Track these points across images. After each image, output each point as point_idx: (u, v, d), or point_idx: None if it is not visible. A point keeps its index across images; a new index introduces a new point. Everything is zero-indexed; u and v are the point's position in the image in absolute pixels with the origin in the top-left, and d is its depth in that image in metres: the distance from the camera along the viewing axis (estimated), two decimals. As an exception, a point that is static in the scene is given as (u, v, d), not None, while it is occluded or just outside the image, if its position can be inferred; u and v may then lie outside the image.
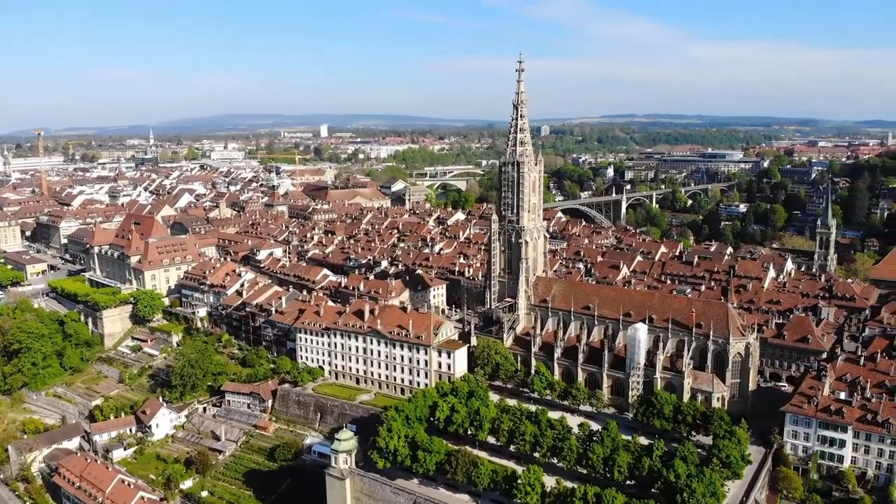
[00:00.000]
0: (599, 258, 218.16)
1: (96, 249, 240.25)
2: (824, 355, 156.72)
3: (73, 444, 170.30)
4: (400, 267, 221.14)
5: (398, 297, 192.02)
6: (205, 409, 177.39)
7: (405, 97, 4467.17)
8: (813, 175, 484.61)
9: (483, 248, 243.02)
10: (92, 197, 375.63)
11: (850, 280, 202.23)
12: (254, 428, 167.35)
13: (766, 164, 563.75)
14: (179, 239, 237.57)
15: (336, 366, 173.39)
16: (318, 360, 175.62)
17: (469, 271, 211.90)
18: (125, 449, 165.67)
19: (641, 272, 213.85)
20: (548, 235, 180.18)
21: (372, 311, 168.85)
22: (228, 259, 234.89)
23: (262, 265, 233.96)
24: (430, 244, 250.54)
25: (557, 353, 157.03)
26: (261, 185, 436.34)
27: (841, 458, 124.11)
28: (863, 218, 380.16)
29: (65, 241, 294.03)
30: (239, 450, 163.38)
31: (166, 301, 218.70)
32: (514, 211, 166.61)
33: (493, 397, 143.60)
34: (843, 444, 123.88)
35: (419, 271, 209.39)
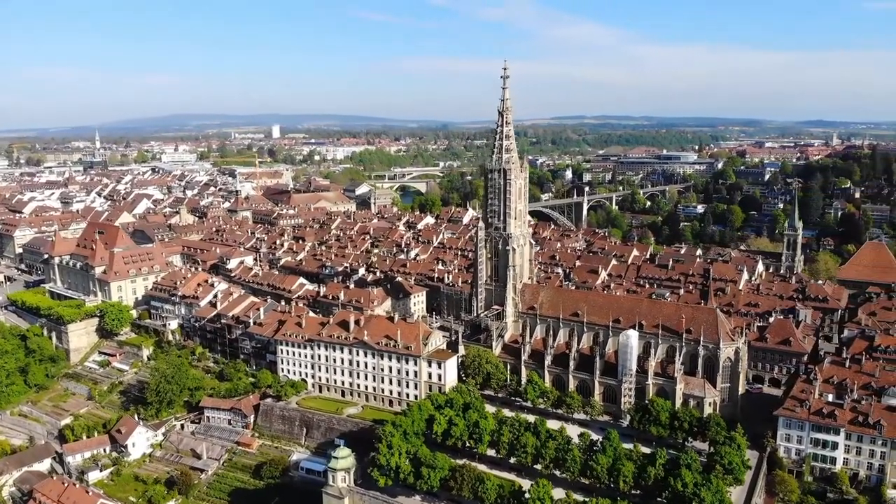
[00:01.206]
0: (578, 262, 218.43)
1: (57, 260, 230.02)
2: (805, 357, 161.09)
3: (44, 466, 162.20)
4: (378, 274, 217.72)
5: (380, 305, 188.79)
6: (182, 426, 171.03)
7: (357, 97, 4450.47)
8: (767, 176, 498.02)
9: (460, 253, 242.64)
10: (44, 203, 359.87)
11: (820, 281, 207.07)
12: (236, 445, 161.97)
13: (720, 166, 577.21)
14: (146, 248, 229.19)
15: (320, 378, 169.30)
16: (300, 372, 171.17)
17: (448, 277, 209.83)
18: (101, 470, 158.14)
19: (617, 276, 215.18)
20: (533, 242, 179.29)
21: (357, 322, 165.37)
22: (196, 268, 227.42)
23: (232, 274, 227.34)
24: (404, 250, 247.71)
25: (548, 360, 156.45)
26: (220, 190, 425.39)
27: (833, 460, 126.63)
28: (818, 218, 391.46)
29: (20, 250, 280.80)
30: (222, 468, 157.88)
31: (134, 313, 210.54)
32: (501, 218, 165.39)
33: (488, 408, 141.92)
34: (835, 446, 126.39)
35: (399, 279, 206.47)
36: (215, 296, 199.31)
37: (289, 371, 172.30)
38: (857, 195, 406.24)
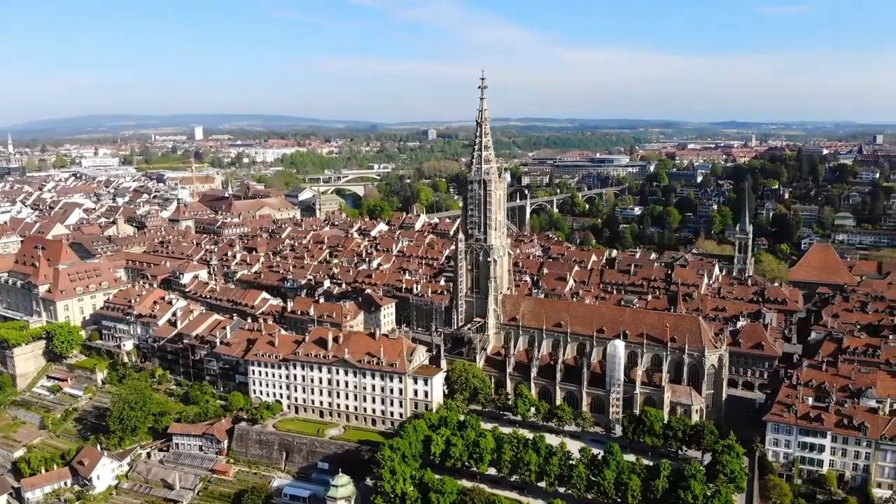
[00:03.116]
0: (546, 270, 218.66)
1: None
2: (777, 361, 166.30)
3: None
4: (344, 286, 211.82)
5: (353, 320, 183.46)
6: (149, 454, 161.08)
7: (280, 97, 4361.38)
8: (699, 178, 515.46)
9: (423, 261, 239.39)
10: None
11: (776, 283, 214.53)
12: (211, 472, 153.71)
13: (651, 168, 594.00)
14: (92, 264, 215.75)
15: (296, 399, 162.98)
16: (274, 393, 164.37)
17: (417, 288, 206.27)
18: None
19: (581, 282, 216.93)
20: (512, 253, 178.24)
21: (336, 339, 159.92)
22: (146, 284, 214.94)
23: (187, 290, 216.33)
24: (366, 260, 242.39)
25: (534, 372, 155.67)
26: (154, 197, 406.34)
27: (821, 462, 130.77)
28: (751, 219, 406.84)
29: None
30: (197, 498, 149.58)
31: (84, 334, 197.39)
32: (482, 229, 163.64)
33: (483, 426, 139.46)
34: (822, 448, 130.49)
35: (368, 291, 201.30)
36: (174, 314, 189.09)
37: (261, 392, 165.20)
38: (787, 196, 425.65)
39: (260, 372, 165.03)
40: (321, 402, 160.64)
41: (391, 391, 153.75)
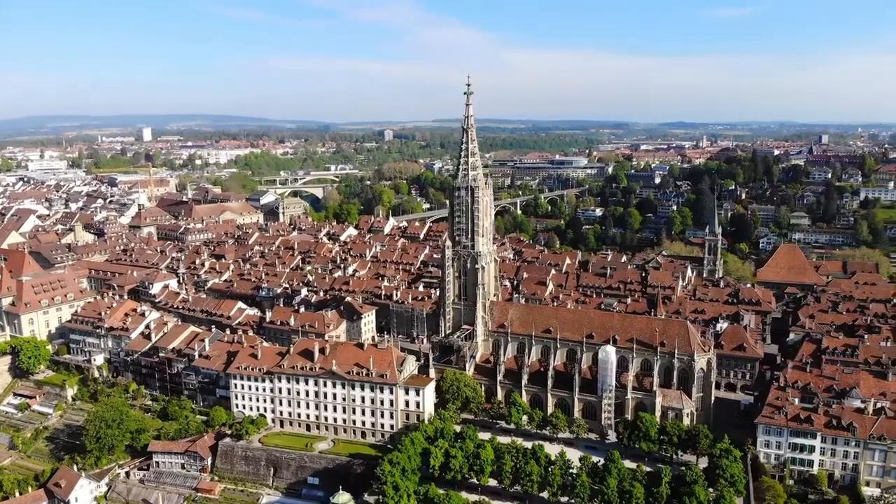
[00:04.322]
0: (526, 275, 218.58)
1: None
2: (758, 362, 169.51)
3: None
4: (322, 294, 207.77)
5: (336, 329, 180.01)
6: (128, 473, 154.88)
7: (229, 97, 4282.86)
8: (657, 179, 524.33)
9: (400, 266, 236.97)
10: None
11: (748, 284, 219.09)
12: (195, 492, 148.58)
13: (610, 170, 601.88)
14: (56, 275, 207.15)
15: (281, 413, 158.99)
16: (258, 407, 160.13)
17: (397, 294, 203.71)
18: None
19: (559, 285, 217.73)
20: (497, 259, 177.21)
21: (322, 350, 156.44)
22: (115, 295, 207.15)
23: (158, 300, 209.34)
24: (341, 266, 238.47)
25: (524, 379, 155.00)
26: (110, 202, 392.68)
27: (811, 463, 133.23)
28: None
29: None
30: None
31: (51, 348, 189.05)
32: (469, 236, 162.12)
33: (481, 436, 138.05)
34: (812, 449, 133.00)
35: (348, 298, 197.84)
36: (148, 326, 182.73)
37: (244, 406, 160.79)
38: (744, 196, 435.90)
39: (243, 385, 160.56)
40: (308, 416, 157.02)
41: (381, 402, 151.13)
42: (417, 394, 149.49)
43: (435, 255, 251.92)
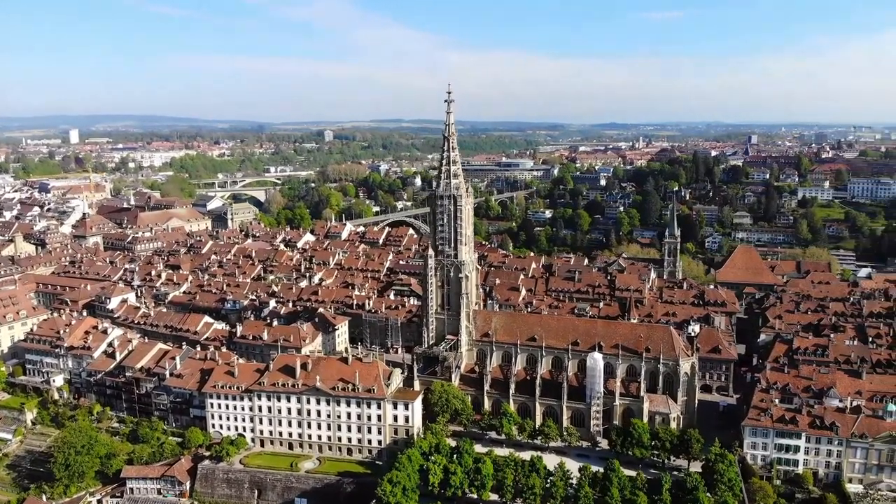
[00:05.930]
0: (498, 280, 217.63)
1: None
2: (733, 364, 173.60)
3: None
4: (291, 305, 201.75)
5: (312, 343, 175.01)
6: (100, 501, 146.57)
7: (156, 96, 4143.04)
8: (602, 181, 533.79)
9: (369, 274, 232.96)
10: None
11: (712, 286, 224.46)
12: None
13: (555, 172, 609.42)
14: (6, 291, 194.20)
15: (261, 432, 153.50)
16: (236, 427, 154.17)
17: (369, 304, 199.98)
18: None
19: (528, 290, 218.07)
20: (478, 267, 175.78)
21: (304, 366, 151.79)
22: (73, 312, 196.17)
23: (116, 316, 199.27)
24: (305, 275, 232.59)
25: (512, 388, 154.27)
26: (47, 210, 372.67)
27: (796, 462, 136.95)
28: (656, 219, 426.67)
29: None
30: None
31: (5, 369, 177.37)
32: (452, 245, 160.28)
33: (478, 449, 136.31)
34: (797, 449, 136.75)
35: (321, 310, 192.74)
36: (111, 344, 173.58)
37: (222, 426, 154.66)
38: (688, 197, 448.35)
39: (219, 405, 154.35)
40: (290, 434, 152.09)
41: (368, 418, 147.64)
42: (406, 408, 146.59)
43: (401, 262, 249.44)
